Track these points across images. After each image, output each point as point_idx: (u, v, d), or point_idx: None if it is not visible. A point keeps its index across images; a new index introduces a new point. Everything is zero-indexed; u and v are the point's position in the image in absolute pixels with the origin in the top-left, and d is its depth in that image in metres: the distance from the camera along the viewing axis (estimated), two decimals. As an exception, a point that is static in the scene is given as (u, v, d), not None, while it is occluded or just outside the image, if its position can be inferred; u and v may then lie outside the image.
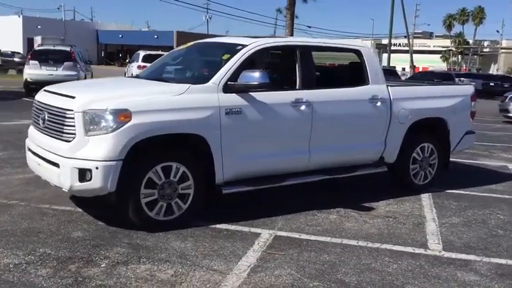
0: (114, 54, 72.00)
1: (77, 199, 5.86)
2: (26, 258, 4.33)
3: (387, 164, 6.86)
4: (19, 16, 67.52)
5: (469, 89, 7.78)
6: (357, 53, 6.63)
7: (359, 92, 6.44)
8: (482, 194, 7.22)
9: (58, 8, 79.32)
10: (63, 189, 5.06)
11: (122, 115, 4.82)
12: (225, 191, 5.51)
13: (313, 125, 5.96)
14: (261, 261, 4.53)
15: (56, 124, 5.08)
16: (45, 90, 5.67)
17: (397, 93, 6.76)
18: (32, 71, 18.69)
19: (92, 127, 4.83)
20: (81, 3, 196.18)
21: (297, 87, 5.99)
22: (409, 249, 5.01)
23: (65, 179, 4.90)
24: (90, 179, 4.78)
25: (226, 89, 5.40)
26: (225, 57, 5.73)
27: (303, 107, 5.87)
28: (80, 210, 5.66)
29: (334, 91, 6.29)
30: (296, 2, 34.93)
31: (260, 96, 5.59)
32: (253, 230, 5.32)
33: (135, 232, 5.04)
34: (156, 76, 6.23)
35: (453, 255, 4.92)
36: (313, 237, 5.19)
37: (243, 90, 5.44)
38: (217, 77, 5.44)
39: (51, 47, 19.93)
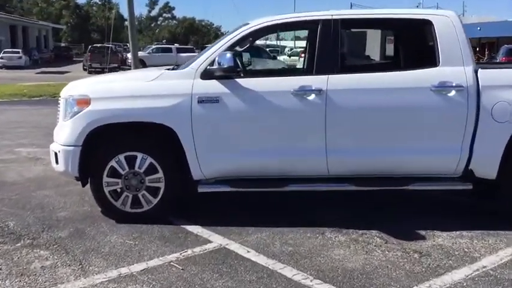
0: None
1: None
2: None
3: (483, 179, 4.83)
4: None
5: None
6: (426, 25, 4.84)
7: (415, 77, 4.71)
8: None
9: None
10: None
11: (82, 101, 4.82)
12: (201, 190, 4.90)
13: (329, 119, 4.68)
14: (142, 272, 3.92)
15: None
16: None
17: (492, 79, 4.66)
18: None
19: (67, 112, 4.97)
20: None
21: (313, 73, 4.80)
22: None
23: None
24: (58, 162, 4.98)
25: (206, 74, 4.77)
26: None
27: (311, 97, 4.67)
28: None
29: (369, 76, 4.78)
30: None
31: (249, 83, 4.74)
32: (211, 237, 4.59)
33: (104, 220, 4.98)
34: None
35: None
36: (258, 260, 4.16)
37: (221, 76, 4.71)
38: (198, 60, 4.88)
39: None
